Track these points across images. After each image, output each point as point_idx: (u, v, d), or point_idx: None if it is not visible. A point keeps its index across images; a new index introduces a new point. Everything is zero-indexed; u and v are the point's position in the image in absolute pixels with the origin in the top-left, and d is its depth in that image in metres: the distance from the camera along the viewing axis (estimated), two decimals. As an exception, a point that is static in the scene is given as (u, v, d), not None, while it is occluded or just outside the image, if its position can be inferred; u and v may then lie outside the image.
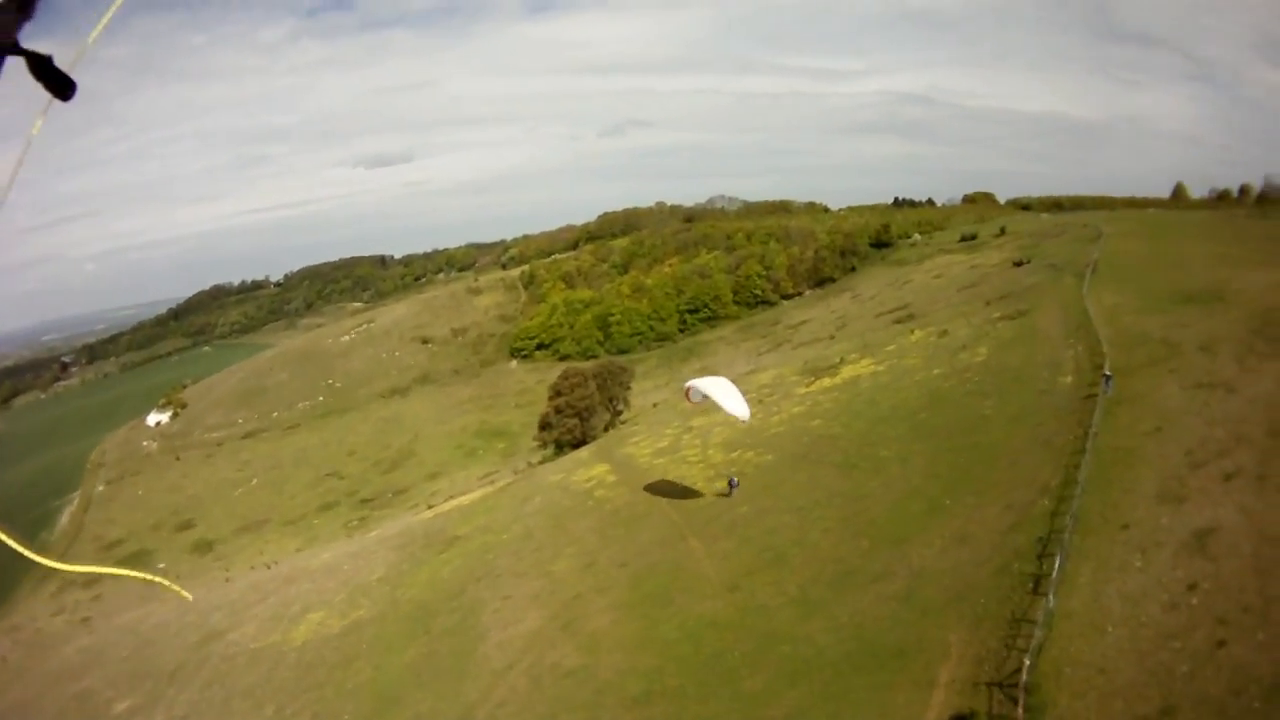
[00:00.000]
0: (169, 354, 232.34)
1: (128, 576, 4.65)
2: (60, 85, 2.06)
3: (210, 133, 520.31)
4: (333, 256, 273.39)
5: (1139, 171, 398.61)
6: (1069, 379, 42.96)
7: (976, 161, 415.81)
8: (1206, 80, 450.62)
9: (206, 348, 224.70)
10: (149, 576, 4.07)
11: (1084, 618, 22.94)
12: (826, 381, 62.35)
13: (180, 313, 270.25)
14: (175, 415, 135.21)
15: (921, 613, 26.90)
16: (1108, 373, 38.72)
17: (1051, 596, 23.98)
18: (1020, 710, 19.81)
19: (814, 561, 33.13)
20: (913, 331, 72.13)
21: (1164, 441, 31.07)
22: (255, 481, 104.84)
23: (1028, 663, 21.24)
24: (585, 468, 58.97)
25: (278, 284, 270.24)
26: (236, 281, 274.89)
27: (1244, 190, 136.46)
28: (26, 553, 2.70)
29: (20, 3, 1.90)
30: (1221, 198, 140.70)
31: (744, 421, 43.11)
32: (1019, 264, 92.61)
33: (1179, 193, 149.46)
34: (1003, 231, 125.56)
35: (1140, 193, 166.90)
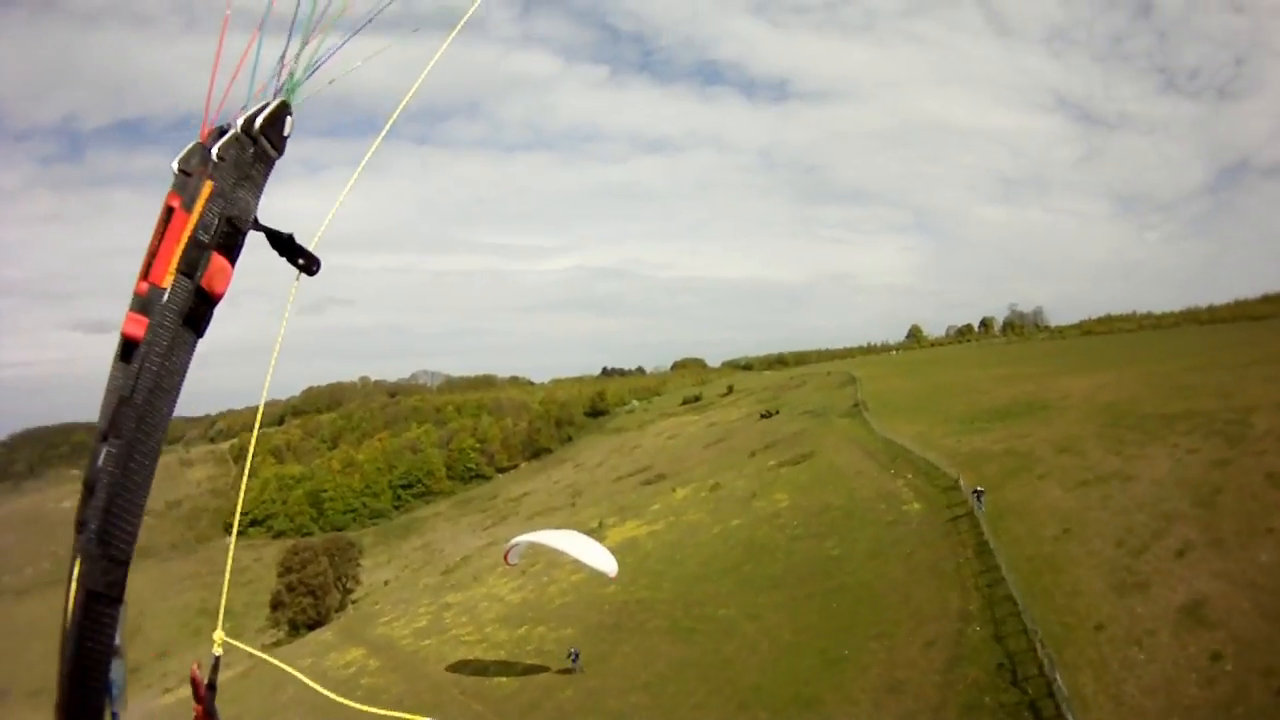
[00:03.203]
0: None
1: None
2: (305, 261, 2.66)
3: None
4: (53, 420, 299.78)
5: (850, 323, 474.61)
6: (917, 506, 47.63)
7: (676, 331, 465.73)
8: (922, 230, 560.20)
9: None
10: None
11: (1122, 723, 23.60)
12: (597, 547, 63.09)
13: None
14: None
15: (899, 778, 25.62)
16: (979, 489, 43.35)
17: (1070, 715, 24.31)
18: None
19: (704, 748, 30.86)
20: (674, 490, 77.42)
21: (1082, 540, 35.12)
22: None
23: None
24: (337, 652, 58.81)
25: (3, 443, 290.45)
26: None
27: (985, 323, 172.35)
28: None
29: (257, 185, 2.52)
30: (963, 332, 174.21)
31: (612, 576, 42.51)
32: (767, 415, 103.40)
33: (915, 334, 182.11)
34: (730, 390, 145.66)
35: (856, 342, 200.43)
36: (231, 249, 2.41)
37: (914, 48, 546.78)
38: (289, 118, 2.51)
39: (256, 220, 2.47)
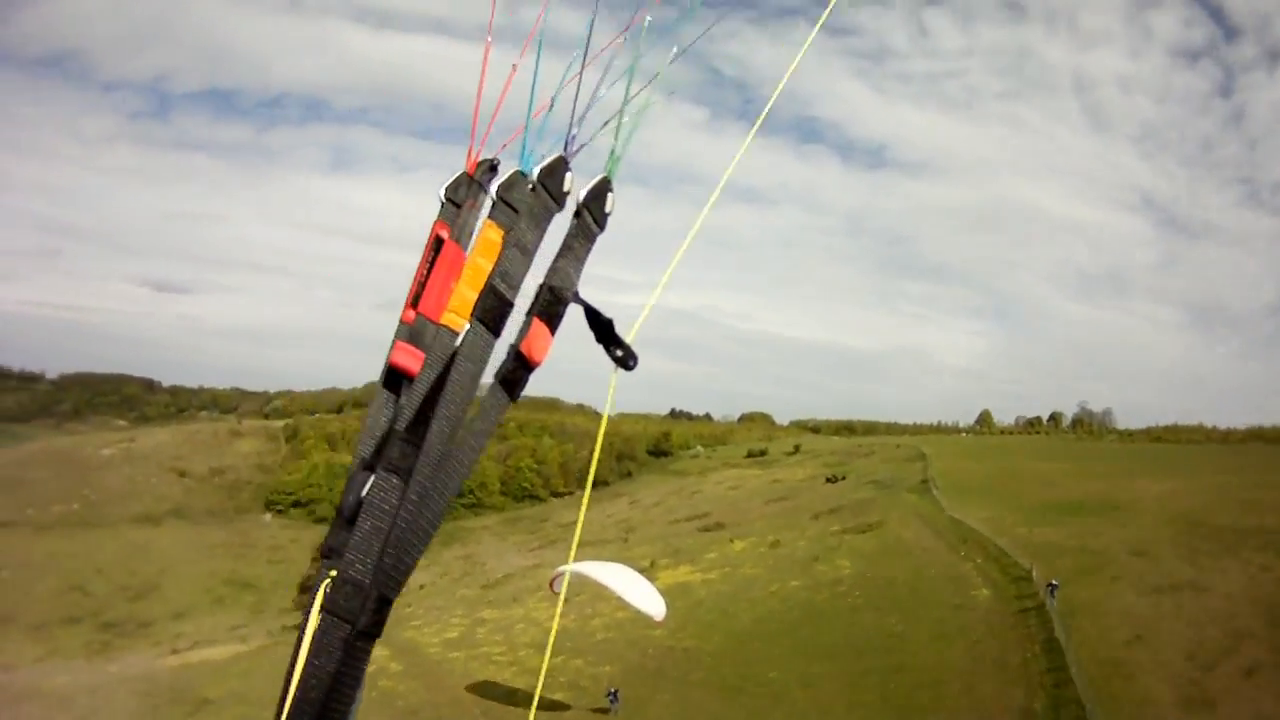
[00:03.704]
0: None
1: None
2: (622, 354, 2.39)
3: (19, 210, 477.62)
4: (105, 369, 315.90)
5: (917, 400, 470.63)
6: (985, 592, 47.68)
7: (746, 383, 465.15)
8: (998, 316, 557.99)
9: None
10: None
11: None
12: (647, 586, 63.68)
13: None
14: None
15: None
16: (1053, 582, 43.42)
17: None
18: None
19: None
20: (732, 541, 77.70)
21: (1154, 649, 35.39)
22: (4, 574, 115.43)
23: None
24: None
25: (52, 381, 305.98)
26: (16, 368, 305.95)
27: (1054, 417, 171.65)
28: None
29: (579, 258, 2.37)
30: (1032, 424, 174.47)
31: (658, 620, 41.12)
32: (832, 480, 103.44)
33: (985, 420, 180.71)
34: (797, 449, 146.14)
35: (920, 419, 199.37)
36: (553, 318, 2.32)
37: (1010, 130, 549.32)
38: (610, 194, 2.42)
39: (577, 294, 2.37)
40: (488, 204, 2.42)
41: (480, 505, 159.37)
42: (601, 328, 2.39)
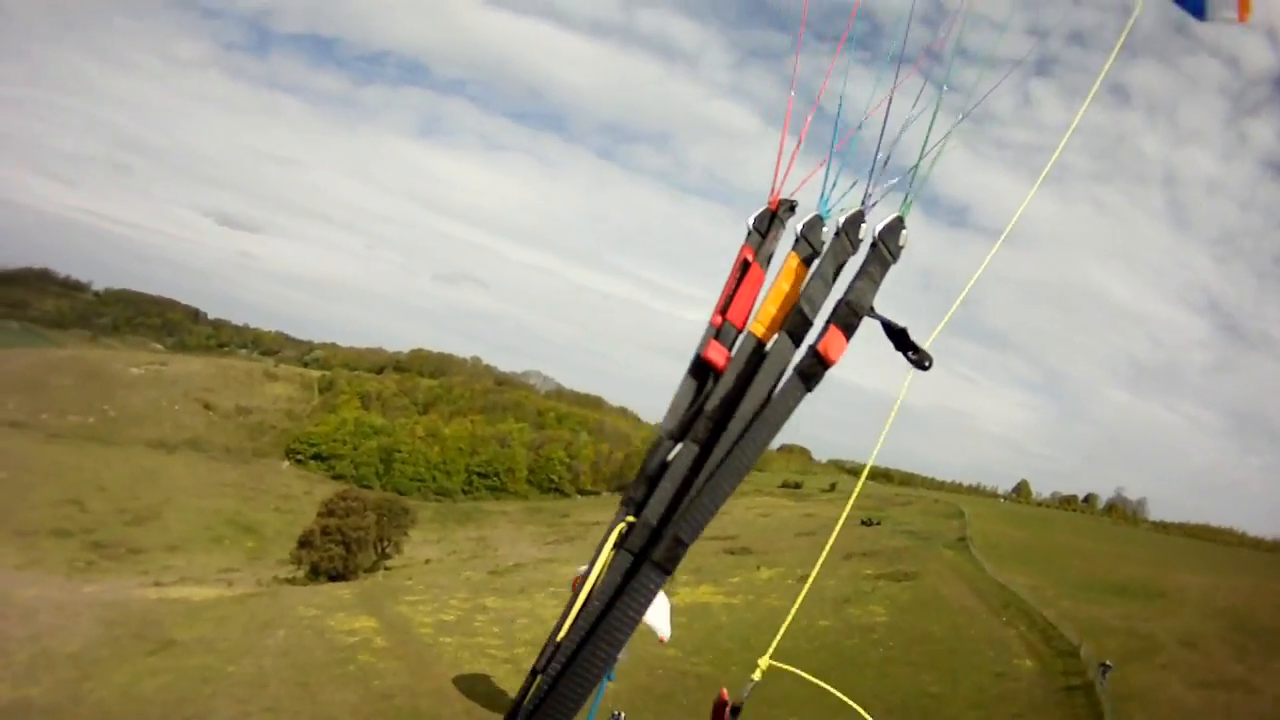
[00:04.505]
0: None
1: None
2: (916, 356, 2.96)
3: (96, 119, 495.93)
4: (152, 290, 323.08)
5: (954, 461, 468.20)
6: (1030, 663, 46.63)
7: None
8: (1047, 391, 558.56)
9: (15, 324, 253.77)
10: None
11: None
12: (662, 598, 62.41)
13: (4, 279, 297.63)
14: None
15: None
16: (1107, 663, 42.38)
17: None
18: None
19: None
20: (758, 567, 77.01)
21: None
22: (3, 475, 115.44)
23: None
24: (348, 614, 55.92)
25: (97, 294, 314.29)
26: (62, 273, 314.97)
27: (1090, 498, 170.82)
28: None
29: (875, 280, 2.87)
30: (1068, 501, 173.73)
31: (662, 640, 39.65)
32: (868, 524, 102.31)
33: (1023, 489, 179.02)
34: (833, 487, 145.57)
35: (952, 478, 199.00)
36: (849, 327, 2.74)
37: (1093, 212, 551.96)
38: (904, 230, 2.83)
39: (873, 309, 2.77)
40: (789, 236, 3.04)
41: (503, 490, 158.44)
42: (897, 335, 2.90)
